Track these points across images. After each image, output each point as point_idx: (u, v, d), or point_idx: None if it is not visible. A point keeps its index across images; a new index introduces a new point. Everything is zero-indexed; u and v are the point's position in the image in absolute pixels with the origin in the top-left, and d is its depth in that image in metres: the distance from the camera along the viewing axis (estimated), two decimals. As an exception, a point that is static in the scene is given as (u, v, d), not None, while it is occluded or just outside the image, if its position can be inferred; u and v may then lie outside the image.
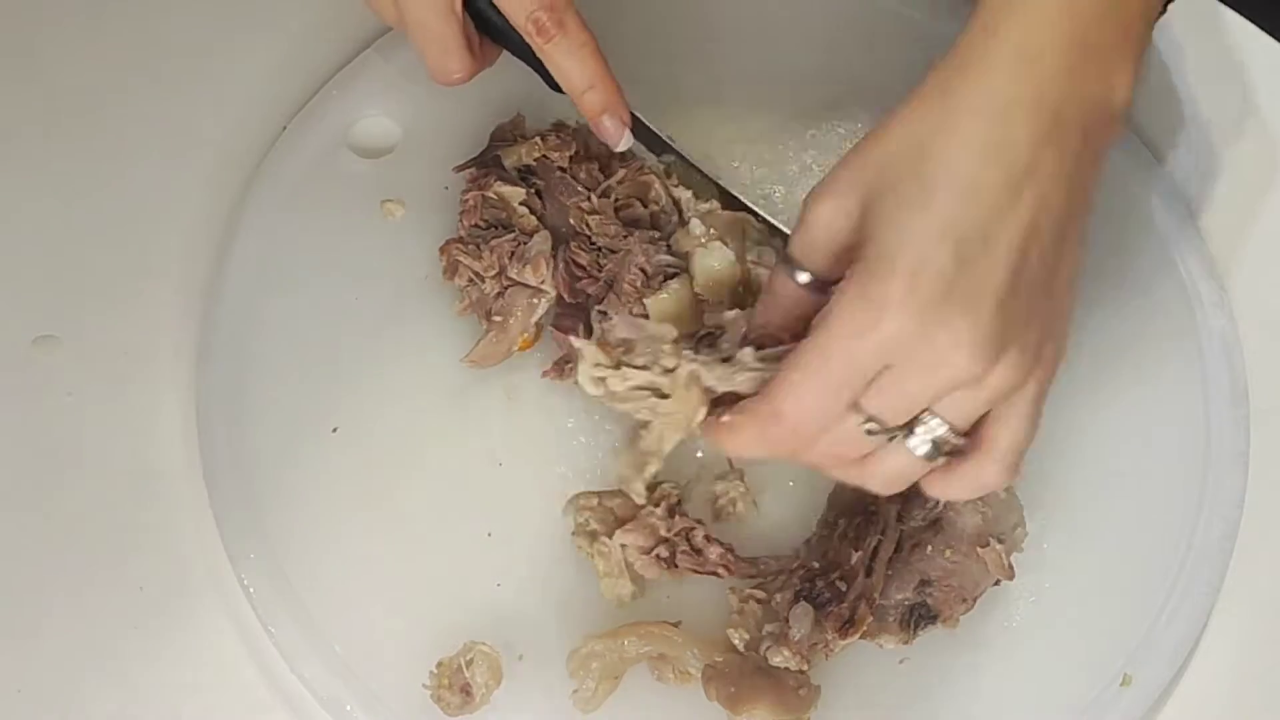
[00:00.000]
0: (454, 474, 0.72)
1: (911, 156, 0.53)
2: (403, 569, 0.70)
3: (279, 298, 0.76)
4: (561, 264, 0.72)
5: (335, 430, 0.73)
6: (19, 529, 0.72)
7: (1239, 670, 0.71)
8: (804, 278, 0.56)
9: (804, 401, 0.53)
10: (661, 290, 0.69)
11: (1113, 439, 0.73)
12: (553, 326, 0.73)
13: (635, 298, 0.69)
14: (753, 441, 0.55)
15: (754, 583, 0.68)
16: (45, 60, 0.83)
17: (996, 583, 0.68)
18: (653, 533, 0.68)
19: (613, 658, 0.66)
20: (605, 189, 0.73)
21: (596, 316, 0.66)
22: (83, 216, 0.79)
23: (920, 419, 0.54)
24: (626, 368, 0.58)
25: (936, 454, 0.55)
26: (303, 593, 0.69)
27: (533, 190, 0.75)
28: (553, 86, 0.69)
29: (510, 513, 0.71)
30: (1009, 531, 0.68)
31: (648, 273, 0.70)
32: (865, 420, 0.54)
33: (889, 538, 0.67)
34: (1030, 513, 0.69)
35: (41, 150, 0.81)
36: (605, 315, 0.66)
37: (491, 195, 0.74)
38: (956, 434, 0.54)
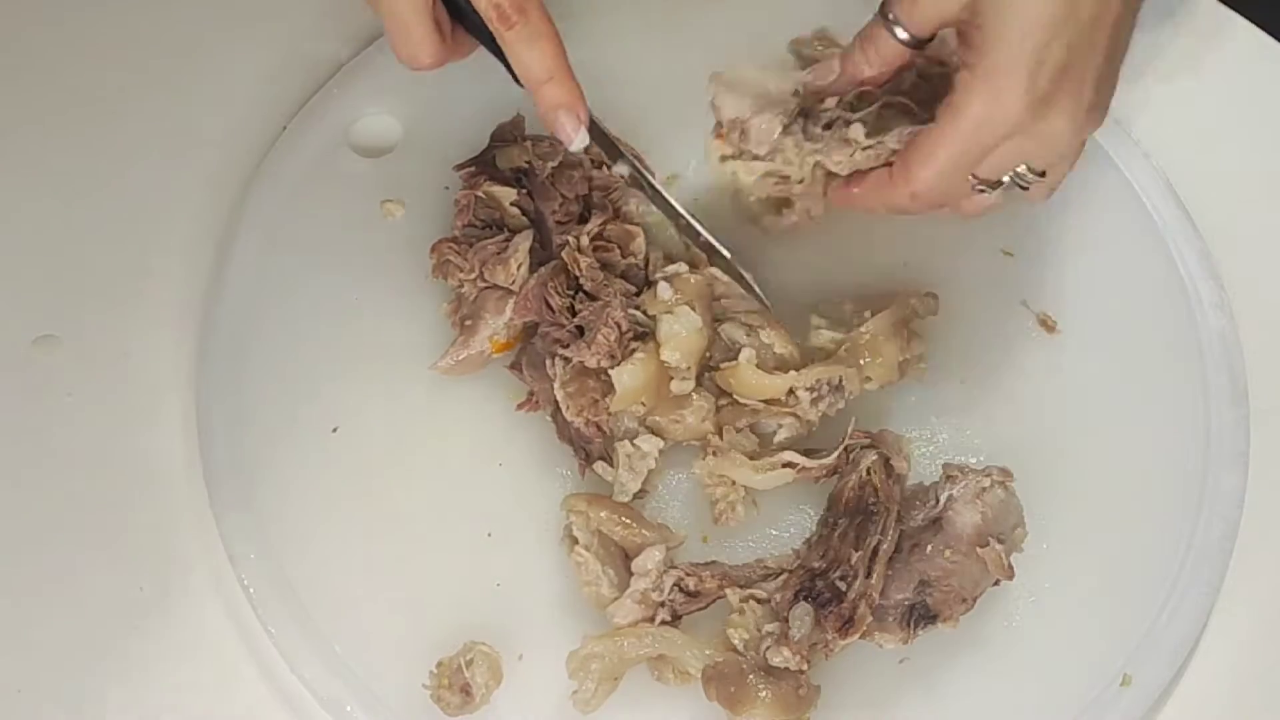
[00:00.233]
0: (454, 474, 0.72)
1: None
2: (403, 569, 0.70)
3: (279, 298, 0.76)
4: (535, 282, 0.71)
5: (335, 430, 0.73)
6: (19, 529, 0.72)
7: (1239, 670, 0.71)
8: (903, 35, 0.65)
9: (934, 178, 0.65)
10: (628, 361, 0.69)
11: (1113, 439, 0.73)
12: (508, 367, 0.73)
13: (606, 351, 0.69)
14: (879, 203, 0.68)
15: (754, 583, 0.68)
16: (45, 60, 0.83)
17: (996, 583, 0.68)
18: (648, 603, 0.67)
19: (612, 658, 0.66)
20: (595, 231, 0.72)
21: (559, 361, 0.69)
22: (83, 216, 0.79)
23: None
24: (752, 160, 0.68)
25: (1016, 187, 0.67)
26: (303, 593, 0.69)
27: (524, 191, 0.74)
28: (517, 81, 0.67)
29: (510, 513, 0.71)
30: (1009, 531, 0.68)
31: (621, 328, 0.69)
32: (977, 182, 0.65)
33: (889, 538, 0.67)
34: (1030, 513, 0.69)
35: (41, 150, 0.81)
36: (567, 361, 0.69)
37: (482, 195, 0.74)
38: (1035, 173, 0.66)
